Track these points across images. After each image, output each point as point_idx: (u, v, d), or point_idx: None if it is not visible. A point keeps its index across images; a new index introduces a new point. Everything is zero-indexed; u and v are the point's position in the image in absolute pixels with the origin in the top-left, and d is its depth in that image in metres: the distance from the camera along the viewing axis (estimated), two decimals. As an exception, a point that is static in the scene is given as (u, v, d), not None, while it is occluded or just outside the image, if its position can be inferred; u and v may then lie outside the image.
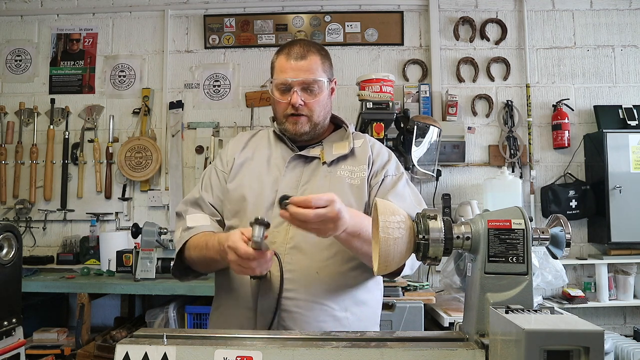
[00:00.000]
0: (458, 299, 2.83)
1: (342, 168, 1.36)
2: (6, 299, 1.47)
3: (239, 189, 1.36)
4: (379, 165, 1.38)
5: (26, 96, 3.55)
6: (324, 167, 1.35)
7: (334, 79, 1.43)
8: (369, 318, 1.35)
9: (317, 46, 1.39)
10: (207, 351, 0.89)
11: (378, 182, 1.35)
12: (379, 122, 2.69)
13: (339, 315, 1.26)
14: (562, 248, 0.92)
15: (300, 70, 1.32)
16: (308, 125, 1.36)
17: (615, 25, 3.43)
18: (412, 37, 3.48)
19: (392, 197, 1.29)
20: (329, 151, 1.38)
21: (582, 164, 3.35)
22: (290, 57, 1.34)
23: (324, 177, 1.34)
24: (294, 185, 1.33)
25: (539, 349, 0.68)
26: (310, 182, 1.34)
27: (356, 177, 1.34)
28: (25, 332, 1.56)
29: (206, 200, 1.39)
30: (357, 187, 1.33)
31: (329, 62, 1.40)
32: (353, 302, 1.30)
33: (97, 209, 3.42)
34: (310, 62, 1.33)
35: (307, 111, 1.35)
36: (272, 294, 1.24)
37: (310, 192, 1.30)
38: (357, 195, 1.32)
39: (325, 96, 1.37)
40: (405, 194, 1.34)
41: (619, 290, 3.13)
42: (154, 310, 2.86)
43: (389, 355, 0.86)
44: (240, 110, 3.48)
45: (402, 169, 1.43)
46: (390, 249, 0.87)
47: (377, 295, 1.40)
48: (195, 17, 3.55)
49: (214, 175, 1.43)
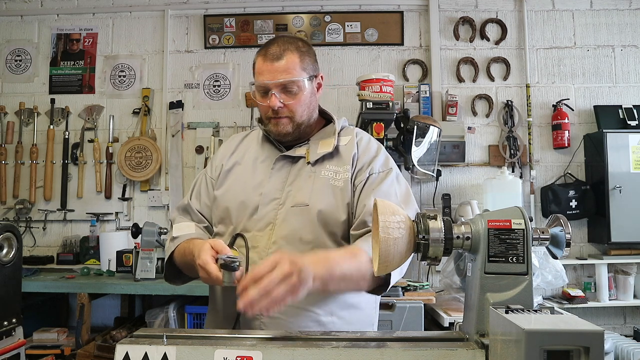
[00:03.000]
0: (458, 299, 2.83)
1: (326, 168, 1.31)
2: (6, 299, 1.47)
3: (225, 195, 1.35)
4: (363, 163, 1.32)
5: (26, 96, 3.55)
6: (308, 167, 1.32)
7: (318, 74, 1.38)
8: (361, 321, 1.31)
9: (297, 43, 1.33)
10: (207, 351, 0.89)
11: (362, 180, 1.29)
12: (379, 122, 2.70)
13: (323, 320, 1.23)
14: (562, 248, 0.92)
15: (276, 72, 1.27)
16: (290, 125, 1.32)
17: (615, 25, 3.43)
18: (412, 37, 3.48)
19: (374, 197, 1.24)
20: (314, 150, 1.34)
21: (582, 164, 3.35)
22: (267, 58, 1.29)
23: (308, 178, 1.30)
24: (280, 187, 1.31)
25: (539, 349, 0.68)
26: (295, 183, 1.31)
27: (340, 178, 1.30)
28: (25, 332, 1.56)
29: (194, 207, 1.41)
30: (340, 189, 1.28)
31: (309, 59, 1.34)
32: (339, 306, 1.26)
33: (97, 209, 3.42)
34: (287, 62, 1.28)
35: (287, 112, 1.30)
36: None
37: (294, 193, 1.29)
38: (340, 198, 1.28)
39: (307, 95, 1.32)
40: (392, 192, 1.28)
41: (619, 290, 3.13)
42: (154, 310, 2.86)
43: (389, 355, 0.86)
44: (240, 110, 3.48)
45: (391, 164, 1.36)
46: (391, 249, 0.87)
47: (370, 297, 1.33)
48: (195, 17, 3.55)
49: (203, 182, 1.44)
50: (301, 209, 1.26)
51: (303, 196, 1.28)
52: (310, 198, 1.27)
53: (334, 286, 1.11)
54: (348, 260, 1.13)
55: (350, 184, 1.30)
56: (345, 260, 1.13)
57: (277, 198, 1.29)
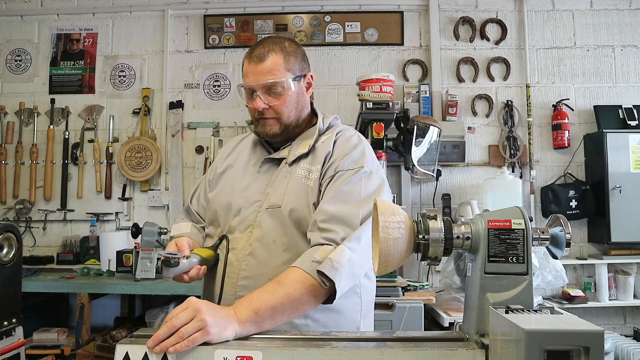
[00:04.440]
0: (458, 299, 2.83)
1: (301, 167, 1.30)
2: (6, 299, 1.47)
3: (215, 198, 1.38)
4: (333, 160, 1.28)
5: (26, 96, 3.55)
6: (286, 167, 1.32)
7: (307, 73, 1.35)
8: (340, 325, 1.25)
9: (282, 44, 1.31)
10: (207, 351, 0.89)
11: (328, 178, 1.25)
12: (379, 122, 2.69)
13: (296, 322, 1.19)
14: (562, 248, 0.92)
15: (260, 74, 1.27)
16: (278, 126, 1.32)
17: (615, 25, 3.43)
18: (412, 37, 3.48)
19: (330, 196, 1.20)
20: (294, 150, 1.33)
21: (582, 164, 3.35)
22: (251, 60, 1.29)
23: (284, 178, 1.29)
24: (262, 190, 1.31)
25: (539, 349, 0.68)
26: (274, 184, 1.30)
27: (312, 177, 1.27)
28: (25, 332, 1.56)
29: (192, 208, 1.47)
30: (311, 188, 1.26)
31: (295, 58, 1.31)
32: (314, 309, 1.19)
33: (97, 209, 3.42)
34: (271, 64, 1.26)
35: (273, 113, 1.30)
36: (229, 301, 1.21)
37: (272, 195, 1.28)
38: (312, 197, 1.25)
39: (293, 95, 1.30)
40: (355, 190, 1.21)
41: (619, 290, 3.13)
42: (154, 310, 2.86)
43: (389, 355, 0.86)
44: (240, 110, 3.48)
45: (366, 162, 1.27)
46: (391, 249, 0.87)
47: (354, 300, 1.30)
48: (195, 17, 3.55)
49: (202, 184, 1.49)
50: (274, 210, 1.26)
51: (277, 197, 1.27)
52: (283, 199, 1.26)
53: (271, 322, 1.05)
54: (273, 290, 1.08)
55: (319, 183, 1.27)
56: (271, 292, 1.07)
57: (259, 200, 1.29)
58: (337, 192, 1.21)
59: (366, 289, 1.34)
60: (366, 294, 1.34)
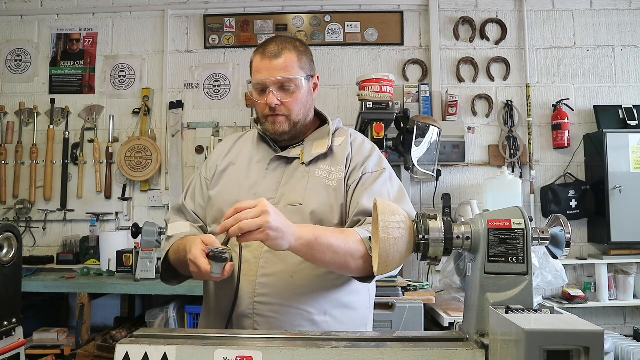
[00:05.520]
0: (458, 299, 2.83)
1: (320, 168, 1.32)
2: (6, 299, 1.47)
3: (219, 195, 1.36)
4: (357, 163, 1.33)
5: (26, 96, 3.55)
6: (303, 167, 1.32)
7: (315, 74, 1.38)
8: (354, 321, 1.31)
9: (294, 43, 1.34)
10: (207, 351, 0.89)
11: (356, 180, 1.30)
12: (379, 122, 2.69)
13: (317, 319, 1.23)
14: (562, 248, 0.92)
15: (275, 70, 1.28)
16: (287, 124, 1.32)
17: (615, 25, 3.43)
18: (412, 37, 3.48)
19: (367, 197, 1.25)
20: (309, 150, 1.35)
21: (582, 164, 3.35)
22: (265, 56, 1.30)
23: (302, 178, 1.31)
24: (274, 187, 1.31)
25: (539, 349, 0.68)
26: (289, 183, 1.31)
27: (333, 178, 1.30)
28: (25, 332, 1.56)
29: (188, 207, 1.42)
30: (333, 189, 1.29)
31: (307, 58, 1.35)
32: (333, 305, 1.26)
33: (97, 209, 3.42)
34: (286, 60, 1.28)
35: (284, 110, 1.31)
36: (247, 299, 1.22)
37: (288, 194, 1.29)
38: (334, 197, 1.28)
39: (304, 94, 1.33)
40: (384, 191, 1.28)
41: (619, 290, 3.13)
42: (154, 310, 2.86)
43: (389, 355, 0.86)
44: (240, 110, 3.48)
45: (385, 164, 1.37)
46: (391, 249, 0.87)
47: (365, 297, 1.35)
48: (195, 17, 3.55)
49: (197, 183, 1.45)
50: (295, 208, 1.26)
51: (297, 196, 1.28)
52: (304, 197, 1.27)
53: (320, 255, 1.12)
54: (337, 233, 1.16)
55: (344, 184, 1.30)
56: (334, 233, 1.16)
57: (272, 198, 1.29)
58: (370, 193, 1.26)
59: (372, 285, 1.39)
60: (372, 290, 1.40)
